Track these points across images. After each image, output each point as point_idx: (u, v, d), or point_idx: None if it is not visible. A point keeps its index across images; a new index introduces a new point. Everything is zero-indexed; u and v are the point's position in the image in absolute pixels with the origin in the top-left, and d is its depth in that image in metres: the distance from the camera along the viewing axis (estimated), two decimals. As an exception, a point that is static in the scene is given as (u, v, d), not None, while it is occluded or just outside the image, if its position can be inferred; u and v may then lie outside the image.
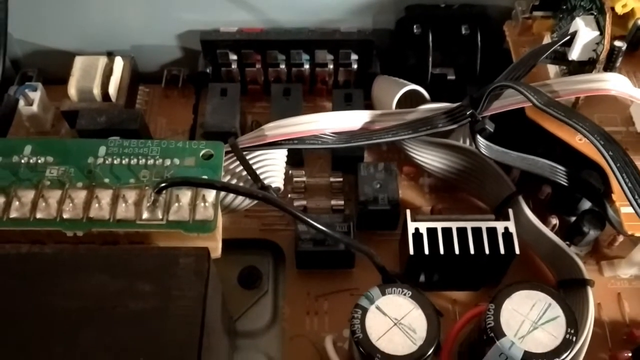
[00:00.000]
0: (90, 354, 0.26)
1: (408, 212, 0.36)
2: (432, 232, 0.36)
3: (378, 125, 0.37)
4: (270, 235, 0.41)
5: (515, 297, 0.30)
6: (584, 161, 0.37)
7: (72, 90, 0.42)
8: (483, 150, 0.37)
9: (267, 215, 0.42)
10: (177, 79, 0.47)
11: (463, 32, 0.43)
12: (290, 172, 0.42)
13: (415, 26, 0.43)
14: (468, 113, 0.36)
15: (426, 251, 0.35)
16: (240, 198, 0.34)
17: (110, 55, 0.44)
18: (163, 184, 0.30)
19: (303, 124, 0.35)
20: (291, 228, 0.40)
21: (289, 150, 0.39)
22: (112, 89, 0.42)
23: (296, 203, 0.42)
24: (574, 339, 0.29)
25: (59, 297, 0.28)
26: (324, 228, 0.32)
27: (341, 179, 0.42)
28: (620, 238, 0.39)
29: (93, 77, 0.42)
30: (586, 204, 0.40)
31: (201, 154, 0.33)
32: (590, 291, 0.35)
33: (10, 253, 0.29)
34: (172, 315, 0.27)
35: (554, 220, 0.39)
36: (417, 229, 0.36)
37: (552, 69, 0.39)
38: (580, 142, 0.36)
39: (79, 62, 0.43)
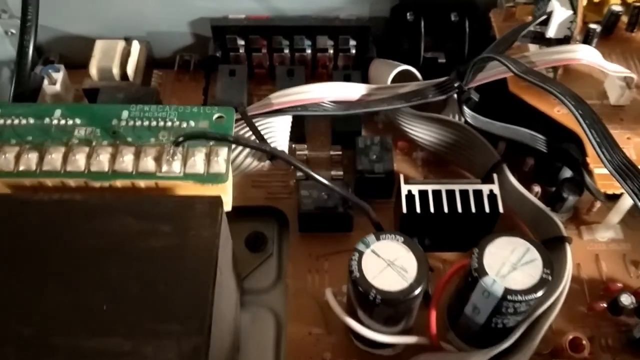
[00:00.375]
0: (117, 285, 0.29)
1: (402, 176, 0.39)
2: (423, 194, 0.39)
3: (374, 97, 0.41)
4: (275, 202, 0.44)
5: (497, 242, 0.33)
6: (563, 134, 0.40)
7: (93, 70, 0.45)
8: (469, 120, 0.40)
9: (272, 185, 0.45)
10: (188, 64, 0.51)
11: (453, 19, 0.46)
12: (293, 146, 0.45)
13: (408, 14, 0.46)
14: (455, 85, 0.39)
15: (418, 210, 0.38)
16: (249, 159, 0.38)
17: (128, 40, 0.48)
18: (181, 137, 0.33)
19: (306, 92, 0.39)
20: (294, 196, 0.43)
21: (293, 126, 0.43)
22: (130, 70, 0.46)
23: (298, 174, 0.44)
24: (550, 278, 0.32)
25: (88, 236, 0.31)
26: (324, 181, 0.36)
27: (340, 152, 0.45)
28: (598, 204, 0.42)
29: (112, 58, 0.46)
30: (567, 173, 0.43)
31: (214, 117, 0.36)
32: (568, 247, 0.38)
33: (43, 199, 0.32)
34: (189, 251, 0.30)
35: (537, 188, 0.42)
36: (409, 191, 0.39)
37: (533, 48, 0.43)
38: (558, 113, 0.40)
39: (99, 45, 0.46)
